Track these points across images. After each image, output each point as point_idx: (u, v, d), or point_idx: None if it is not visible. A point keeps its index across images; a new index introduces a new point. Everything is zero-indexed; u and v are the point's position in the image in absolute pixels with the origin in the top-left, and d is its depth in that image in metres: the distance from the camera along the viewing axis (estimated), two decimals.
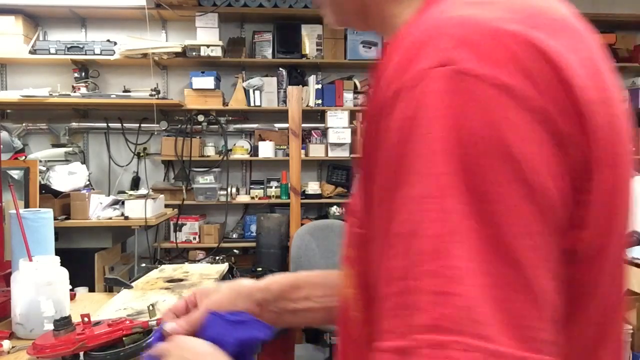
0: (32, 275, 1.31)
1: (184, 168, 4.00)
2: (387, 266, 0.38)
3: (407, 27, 0.43)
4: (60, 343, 1.11)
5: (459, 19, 0.39)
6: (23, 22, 3.78)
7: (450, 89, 0.36)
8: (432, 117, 0.37)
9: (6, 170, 2.67)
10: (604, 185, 0.39)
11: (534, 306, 0.35)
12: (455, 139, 0.36)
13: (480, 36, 0.37)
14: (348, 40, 4.07)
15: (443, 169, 0.36)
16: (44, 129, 4.04)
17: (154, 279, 1.80)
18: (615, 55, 4.25)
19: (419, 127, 0.37)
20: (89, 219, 3.28)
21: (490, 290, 0.34)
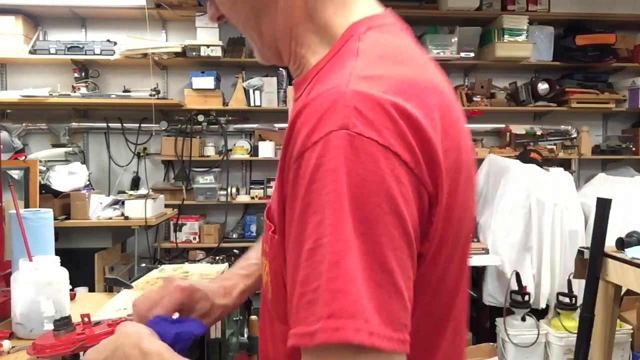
0: (32, 275, 1.31)
1: (184, 168, 4.00)
2: (299, 273, 0.51)
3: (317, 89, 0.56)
4: (60, 343, 1.11)
5: (357, 93, 0.52)
6: (23, 22, 3.78)
7: (346, 146, 0.50)
8: (332, 165, 0.50)
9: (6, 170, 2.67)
10: (442, 210, 0.55)
11: (399, 302, 0.50)
12: (347, 181, 0.50)
13: (370, 108, 0.51)
14: None
15: (339, 204, 0.49)
16: (44, 129, 4.03)
17: (154, 279, 1.79)
18: (615, 55, 4.25)
19: (322, 172, 0.50)
20: (89, 219, 3.28)
21: (371, 290, 0.49)
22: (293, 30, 0.66)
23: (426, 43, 3.96)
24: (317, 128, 0.52)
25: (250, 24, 0.68)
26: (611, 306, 2.23)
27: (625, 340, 3.22)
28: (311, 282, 0.50)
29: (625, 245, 2.16)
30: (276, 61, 0.72)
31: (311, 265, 0.50)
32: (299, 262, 0.52)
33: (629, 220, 3.22)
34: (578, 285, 3.13)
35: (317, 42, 0.66)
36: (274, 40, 0.67)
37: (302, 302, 0.50)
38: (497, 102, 4.23)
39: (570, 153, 4.26)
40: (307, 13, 0.65)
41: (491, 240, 3.41)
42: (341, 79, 0.55)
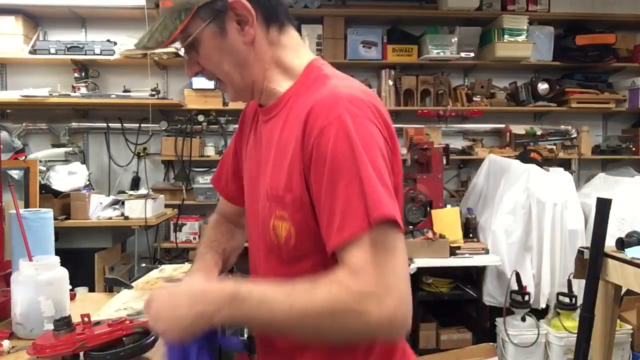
0: (32, 275, 1.31)
1: (184, 168, 4.00)
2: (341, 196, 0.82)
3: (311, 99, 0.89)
4: (60, 343, 1.11)
5: (347, 95, 0.87)
6: (23, 22, 3.78)
7: (351, 122, 0.84)
8: (345, 132, 0.84)
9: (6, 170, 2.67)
10: (396, 159, 0.92)
11: (390, 193, 0.84)
12: (357, 143, 0.83)
13: (358, 103, 0.87)
14: (348, 40, 4.07)
15: (355, 152, 0.83)
16: (44, 129, 4.04)
17: (154, 279, 1.79)
18: (615, 55, 4.25)
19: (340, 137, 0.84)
20: (89, 219, 3.28)
21: (382, 189, 0.83)
22: (266, 73, 0.98)
23: (426, 43, 3.96)
24: (329, 114, 0.85)
25: (231, 74, 0.97)
26: (611, 306, 2.23)
27: (625, 340, 3.21)
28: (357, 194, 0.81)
29: (625, 245, 2.16)
30: (248, 98, 1.04)
31: (350, 188, 0.81)
32: (337, 192, 0.82)
33: (629, 220, 3.22)
34: (578, 285, 3.13)
35: (282, 78, 0.99)
36: (251, 82, 0.98)
37: (349, 210, 0.81)
38: (497, 102, 4.23)
39: (570, 153, 4.26)
40: (273, 60, 0.98)
41: (491, 240, 3.41)
42: (331, 89, 0.89)
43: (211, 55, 0.96)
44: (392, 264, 0.80)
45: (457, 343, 3.36)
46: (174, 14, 0.93)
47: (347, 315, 0.78)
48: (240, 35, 0.94)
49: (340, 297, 0.78)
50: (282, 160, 0.91)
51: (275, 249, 0.94)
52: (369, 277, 0.78)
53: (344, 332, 0.81)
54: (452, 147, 4.12)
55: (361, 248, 0.80)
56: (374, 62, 4.07)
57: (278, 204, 0.92)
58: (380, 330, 0.81)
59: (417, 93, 4.11)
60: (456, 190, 4.31)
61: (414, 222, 3.37)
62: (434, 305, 3.59)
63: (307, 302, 0.80)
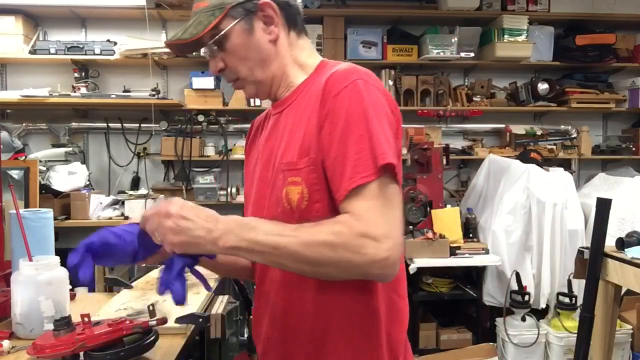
0: (32, 275, 1.31)
1: (184, 168, 4.00)
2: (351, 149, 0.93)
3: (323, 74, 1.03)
4: (60, 343, 1.11)
5: (361, 67, 1.01)
6: (23, 22, 3.78)
7: (364, 87, 0.96)
8: (359, 95, 0.95)
9: (6, 170, 2.67)
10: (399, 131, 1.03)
11: (396, 153, 0.96)
12: (369, 104, 0.95)
13: (370, 74, 1.00)
14: (348, 40, 4.07)
15: (366, 111, 0.94)
16: (44, 129, 4.04)
17: (154, 279, 1.80)
18: (615, 55, 4.25)
19: (354, 98, 0.95)
20: (89, 219, 3.28)
21: (388, 144, 0.94)
22: (285, 69, 1.10)
23: (426, 43, 3.96)
24: (345, 80, 0.97)
25: (254, 69, 1.07)
26: (611, 306, 2.23)
27: (625, 340, 3.21)
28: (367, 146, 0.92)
29: (625, 245, 2.16)
30: (266, 94, 1.12)
31: (361, 142, 0.92)
32: (348, 145, 0.93)
33: (629, 220, 3.22)
34: (578, 285, 3.13)
35: (297, 73, 1.11)
36: (271, 78, 1.09)
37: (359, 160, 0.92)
38: (497, 102, 4.22)
39: (570, 153, 4.26)
40: (292, 59, 1.11)
41: (491, 240, 3.41)
42: (347, 64, 1.02)
43: (238, 50, 1.05)
44: (390, 213, 0.91)
45: (457, 343, 3.36)
46: (208, 12, 1.03)
47: (345, 250, 0.88)
48: (265, 34, 1.06)
49: (342, 233, 0.88)
50: (297, 133, 1.01)
51: (287, 216, 0.99)
52: (370, 221, 0.89)
53: (340, 265, 0.89)
54: (452, 147, 4.12)
55: (365, 197, 0.91)
56: (374, 62, 4.07)
57: (291, 171, 0.99)
58: (373, 269, 0.89)
59: (417, 93, 4.11)
60: (456, 190, 4.31)
61: (414, 222, 3.37)
62: (434, 305, 3.59)
63: (311, 234, 0.89)
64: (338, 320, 1.00)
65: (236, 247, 0.90)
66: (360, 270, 0.90)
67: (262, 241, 0.90)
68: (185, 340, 1.34)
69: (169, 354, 1.25)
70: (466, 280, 3.49)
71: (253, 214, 1.10)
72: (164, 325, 1.21)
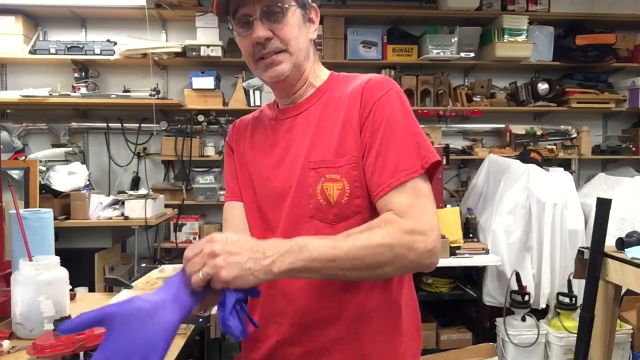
0: (32, 275, 1.31)
1: (184, 168, 4.00)
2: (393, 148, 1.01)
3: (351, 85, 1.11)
4: (60, 343, 1.11)
5: (387, 77, 1.11)
6: (23, 22, 3.78)
7: (402, 95, 1.07)
8: (401, 100, 1.06)
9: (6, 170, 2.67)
10: None
11: (429, 142, 1.05)
12: (408, 110, 1.06)
13: (397, 84, 1.09)
14: (348, 40, 4.07)
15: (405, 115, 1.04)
16: (44, 129, 4.04)
17: (154, 279, 1.80)
18: (615, 55, 4.25)
19: (394, 104, 1.05)
20: (89, 219, 3.28)
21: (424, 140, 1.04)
22: (310, 71, 1.15)
23: (426, 43, 3.96)
24: (384, 88, 1.06)
25: (303, 51, 1.11)
26: (611, 306, 2.23)
27: (625, 340, 3.21)
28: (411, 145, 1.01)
29: (625, 245, 2.16)
30: (293, 80, 1.13)
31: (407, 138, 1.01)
32: (391, 144, 1.01)
33: (629, 220, 3.22)
34: (578, 285, 3.13)
35: (314, 79, 1.16)
36: (305, 69, 1.13)
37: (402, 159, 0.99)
38: (497, 102, 4.23)
39: (570, 153, 4.26)
40: (312, 65, 1.16)
41: (491, 240, 3.41)
42: (376, 74, 1.12)
43: (295, 27, 1.08)
44: (429, 206, 0.99)
45: (457, 343, 3.36)
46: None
47: (401, 247, 0.93)
48: (309, 31, 1.14)
49: (395, 233, 0.93)
50: (329, 136, 1.07)
51: (322, 211, 1.05)
52: (415, 217, 0.96)
53: (397, 263, 0.94)
54: (452, 147, 4.12)
55: (407, 193, 0.98)
56: (374, 62, 4.08)
57: (328, 169, 1.05)
58: (424, 259, 0.95)
59: (417, 93, 4.11)
60: (456, 190, 4.31)
61: None
62: (434, 305, 3.59)
63: (366, 239, 0.92)
64: (368, 313, 1.06)
65: (291, 270, 0.90)
66: (414, 265, 0.96)
67: (319, 257, 0.91)
68: (185, 340, 1.34)
69: (169, 354, 1.24)
70: (466, 280, 3.49)
71: (265, 212, 1.12)
72: None
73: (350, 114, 1.06)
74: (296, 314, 1.06)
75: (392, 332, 1.09)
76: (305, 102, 1.14)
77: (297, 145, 1.10)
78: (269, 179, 1.13)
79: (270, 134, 1.18)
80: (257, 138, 1.20)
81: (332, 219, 1.05)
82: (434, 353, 3.25)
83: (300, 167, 1.07)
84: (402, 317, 1.10)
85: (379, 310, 1.07)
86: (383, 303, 1.08)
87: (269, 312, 1.10)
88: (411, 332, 1.13)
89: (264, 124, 1.21)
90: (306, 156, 1.07)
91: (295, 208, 1.07)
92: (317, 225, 1.05)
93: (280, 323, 1.08)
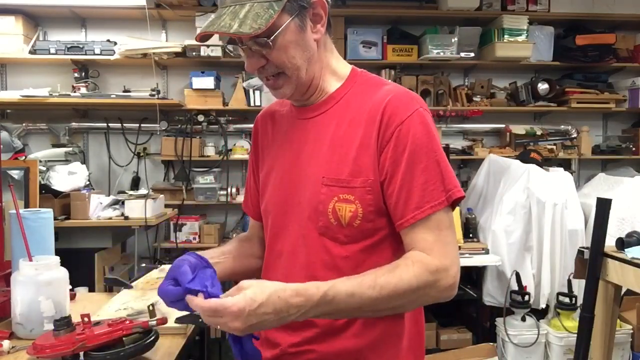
0: (32, 275, 1.31)
1: (184, 168, 4.00)
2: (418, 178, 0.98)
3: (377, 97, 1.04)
4: (60, 343, 1.11)
5: (414, 94, 1.06)
6: (23, 22, 3.78)
7: (427, 118, 1.02)
8: (426, 125, 1.01)
9: (6, 170, 2.67)
10: None
11: (452, 171, 1.02)
12: (433, 136, 1.01)
13: (424, 102, 1.05)
14: (348, 40, 4.07)
15: (432, 140, 1.00)
16: (44, 129, 4.03)
17: (154, 279, 1.79)
18: (615, 55, 4.24)
19: (419, 126, 1.00)
20: (89, 219, 3.28)
21: (454, 176, 1.01)
22: (322, 71, 1.08)
23: (426, 43, 3.96)
24: (408, 108, 1.00)
25: (301, 69, 1.03)
26: (611, 306, 2.23)
27: (625, 340, 3.21)
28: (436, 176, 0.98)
29: (625, 245, 2.16)
30: (301, 95, 1.08)
31: (432, 168, 0.98)
32: (416, 173, 0.97)
33: (629, 220, 3.22)
34: (578, 285, 3.13)
35: (332, 79, 1.10)
36: (311, 78, 1.06)
37: (427, 190, 0.97)
38: (497, 102, 4.22)
39: (570, 153, 4.26)
40: (326, 62, 1.10)
41: (491, 240, 3.41)
42: (400, 88, 1.06)
43: (288, 48, 1.00)
44: (451, 239, 0.99)
45: (457, 343, 3.36)
46: (264, 4, 0.95)
47: (427, 287, 0.94)
48: (312, 33, 1.03)
49: (422, 274, 0.94)
50: (345, 151, 1.02)
51: (332, 230, 1.02)
52: (440, 253, 0.96)
53: (420, 301, 0.98)
54: (452, 147, 4.13)
55: (432, 228, 0.97)
56: (374, 62, 4.07)
57: (342, 189, 1.01)
58: (447, 294, 0.97)
59: (417, 93, 4.10)
60: None
61: None
62: (434, 305, 3.57)
63: (395, 283, 0.92)
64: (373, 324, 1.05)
65: (319, 317, 0.94)
66: (434, 299, 0.98)
67: (345, 309, 0.92)
68: (185, 340, 1.34)
69: (169, 354, 1.25)
70: (466, 280, 3.49)
71: (275, 216, 1.10)
72: (164, 325, 1.21)
73: (368, 134, 1.00)
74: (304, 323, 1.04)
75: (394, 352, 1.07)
76: (323, 104, 1.09)
77: (310, 150, 1.06)
78: (277, 184, 1.11)
79: (282, 133, 1.14)
80: (269, 136, 1.18)
81: (342, 239, 1.02)
82: (434, 353, 3.25)
83: (312, 178, 1.04)
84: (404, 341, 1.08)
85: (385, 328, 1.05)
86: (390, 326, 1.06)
87: None
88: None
89: (283, 118, 1.16)
90: (319, 170, 1.03)
91: (304, 222, 1.04)
92: (327, 243, 1.03)
93: (288, 334, 1.07)
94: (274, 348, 1.10)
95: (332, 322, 1.03)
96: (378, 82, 1.09)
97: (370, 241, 1.02)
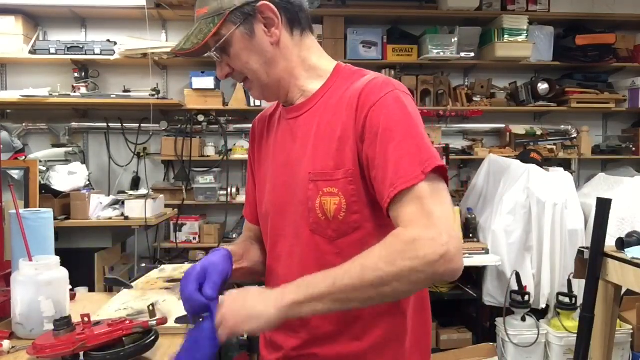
0: (32, 275, 1.31)
1: (184, 168, 4.00)
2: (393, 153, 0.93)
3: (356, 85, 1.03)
4: (60, 343, 1.11)
5: (394, 80, 1.03)
6: (23, 22, 3.78)
7: (402, 97, 0.99)
8: (399, 102, 0.98)
9: (6, 170, 2.67)
10: None
11: (431, 145, 0.96)
12: (407, 112, 0.97)
13: (404, 87, 1.02)
14: (348, 40, 4.07)
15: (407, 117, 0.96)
16: (44, 129, 4.03)
17: (154, 279, 1.79)
18: (615, 55, 4.24)
19: (392, 107, 0.97)
20: (89, 219, 3.28)
21: (431, 147, 0.95)
22: (293, 72, 1.08)
23: (426, 43, 3.96)
24: (381, 91, 0.98)
25: (259, 73, 1.06)
26: (611, 306, 2.23)
27: (625, 340, 3.21)
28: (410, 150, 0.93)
29: (625, 245, 2.16)
30: (273, 97, 1.12)
31: (405, 143, 0.93)
32: (389, 150, 0.93)
33: (629, 220, 3.22)
34: (578, 285, 3.13)
35: (311, 77, 1.10)
36: (278, 80, 1.07)
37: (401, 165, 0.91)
38: (497, 102, 4.22)
39: (570, 153, 4.26)
40: (300, 60, 1.09)
41: (491, 240, 3.41)
42: (379, 75, 1.03)
43: (241, 55, 1.04)
44: (439, 210, 0.90)
45: (457, 343, 3.36)
46: (208, 20, 1.03)
47: (403, 259, 0.86)
48: (267, 37, 1.04)
49: (393, 244, 0.87)
50: (328, 144, 1.01)
51: (322, 226, 1.02)
52: (419, 224, 0.88)
53: (403, 276, 0.86)
54: (452, 147, 4.12)
55: (410, 202, 0.90)
56: (374, 62, 4.07)
57: (326, 182, 1.00)
58: (437, 267, 0.87)
59: (417, 93, 4.11)
60: (456, 190, 4.31)
61: None
62: (434, 305, 3.54)
63: (364, 259, 0.87)
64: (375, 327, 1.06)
65: (300, 309, 0.90)
66: (425, 275, 0.87)
67: (327, 293, 0.89)
68: None
69: (169, 354, 1.24)
70: (466, 280, 3.49)
71: (273, 219, 1.11)
72: (164, 325, 1.21)
73: (346, 124, 1.00)
74: (306, 327, 1.06)
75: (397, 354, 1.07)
76: (307, 102, 1.09)
77: (298, 149, 1.07)
78: (272, 185, 1.12)
79: (275, 134, 1.16)
80: (265, 137, 1.19)
81: (330, 234, 1.01)
82: (434, 353, 3.25)
83: (301, 177, 1.04)
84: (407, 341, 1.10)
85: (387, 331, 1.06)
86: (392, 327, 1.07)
87: None
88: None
89: (276, 121, 1.18)
90: (307, 166, 1.03)
91: (298, 222, 1.05)
92: (318, 241, 1.03)
93: (289, 336, 1.08)
94: (277, 351, 1.10)
95: (334, 325, 1.03)
96: (358, 73, 1.07)
97: (359, 234, 1.00)
